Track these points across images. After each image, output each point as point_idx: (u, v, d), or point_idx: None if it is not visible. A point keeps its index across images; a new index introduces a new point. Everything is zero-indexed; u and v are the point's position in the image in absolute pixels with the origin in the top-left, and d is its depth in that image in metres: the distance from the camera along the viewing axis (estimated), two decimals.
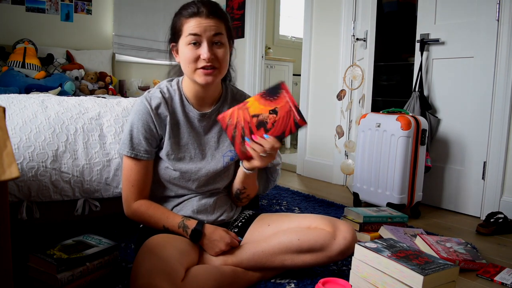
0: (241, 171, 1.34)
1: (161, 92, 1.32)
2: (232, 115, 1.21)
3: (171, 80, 1.38)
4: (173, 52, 1.32)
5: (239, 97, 1.43)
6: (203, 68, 1.23)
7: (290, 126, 1.20)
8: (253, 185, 1.39)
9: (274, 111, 1.19)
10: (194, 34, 1.21)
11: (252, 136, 1.20)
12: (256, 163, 1.23)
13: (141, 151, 1.28)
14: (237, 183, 1.39)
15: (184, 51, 1.24)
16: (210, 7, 1.24)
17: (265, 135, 1.19)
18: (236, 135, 1.21)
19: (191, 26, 1.22)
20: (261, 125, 1.20)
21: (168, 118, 1.30)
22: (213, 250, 1.26)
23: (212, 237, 1.26)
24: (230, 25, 1.31)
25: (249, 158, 1.24)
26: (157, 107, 1.29)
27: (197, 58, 1.23)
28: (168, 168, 1.32)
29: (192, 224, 1.27)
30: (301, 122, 1.19)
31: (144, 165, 1.30)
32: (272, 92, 1.19)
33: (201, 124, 1.35)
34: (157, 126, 1.29)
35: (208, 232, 1.26)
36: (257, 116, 1.20)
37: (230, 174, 1.43)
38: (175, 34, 1.28)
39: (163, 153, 1.31)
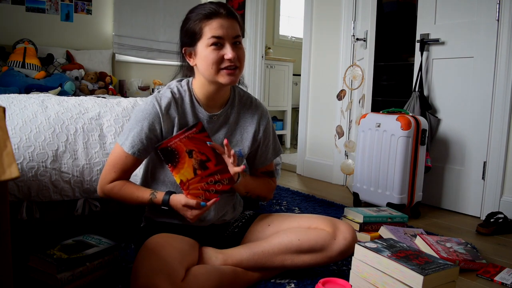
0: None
1: (171, 92, 1.31)
2: (200, 195, 1.20)
3: (181, 80, 1.37)
4: (186, 56, 1.30)
5: (245, 100, 1.42)
6: (226, 68, 1.23)
7: (201, 137, 1.20)
8: (256, 187, 1.40)
9: (190, 153, 1.19)
10: (218, 36, 1.21)
11: (215, 167, 1.20)
12: (236, 169, 1.23)
13: (140, 150, 1.27)
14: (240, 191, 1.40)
15: (206, 53, 1.22)
16: (226, 8, 1.24)
17: (208, 143, 1.20)
18: (220, 184, 1.21)
19: (213, 27, 1.21)
20: (203, 163, 1.20)
21: (176, 119, 1.29)
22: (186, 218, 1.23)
23: (178, 211, 1.23)
24: (242, 24, 1.31)
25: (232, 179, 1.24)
26: (167, 107, 1.28)
27: (221, 59, 1.22)
28: None
29: (159, 200, 1.25)
30: (197, 127, 1.20)
31: (135, 161, 1.29)
32: (171, 158, 1.18)
33: (209, 126, 1.34)
34: (163, 128, 1.27)
35: (173, 207, 1.24)
36: (196, 169, 1.19)
37: None
38: (192, 38, 1.25)
39: None
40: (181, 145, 1.18)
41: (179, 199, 1.21)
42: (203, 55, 1.23)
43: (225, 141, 1.22)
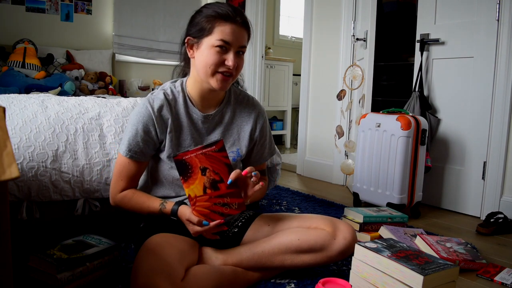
0: None
1: (164, 94, 1.31)
2: (206, 214, 1.17)
3: (175, 81, 1.38)
4: (187, 45, 1.29)
5: (242, 98, 1.43)
6: (223, 73, 1.23)
7: (219, 156, 1.16)
8: (258, 195, 1.39)
9: (203, 170, 1.15)
10: (226, 42, 1.21)
11: (227, 187, 1.16)
12: (256, 187, 1.19)
13: (137, 153, 1.28)
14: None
15: (209, 53, 1.22)
16: (243, 17, 1.25)
17: (228, 182, 1.15)
18: (229, 208, 1.17)
19: (225, 31, 1.20)
20: (215, 184, 1.16)
21: (170, 121, 1.29)
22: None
23: (182, 220, 1.22)
24: (250, 36, 1.31)
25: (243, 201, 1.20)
26: (160, 109, 1.29)
27: (221, 63, 1.22)
28: (172, 168, 1.32)
29: (168, 210, 1.24)
30: (217, 145, 1.15)
31: (137, 165, 1.30)
32: (184, 171, 1.15)
33: (204, 126, 1.35)
34: (158, 129, 1.28)
35: (180, 218, 1.23)
36: (206, 187, 1.16)
37: None
38: (200, 31, 1.24)
39: (164, 155, 1.31)
40: (196, 161, 1.15)
41: (184, 212, 1.20)
42: (206, 52, 1.23)
43: (243, 173, 1.17)
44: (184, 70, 1.41)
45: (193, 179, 1.15)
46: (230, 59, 1.22)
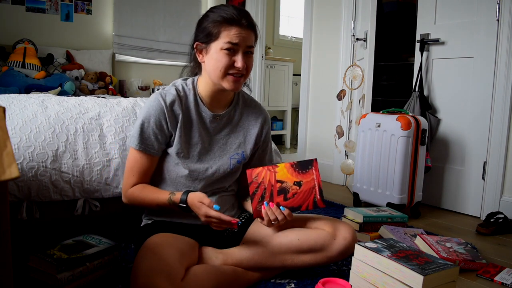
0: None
1: (176, 89, 1.33)
2: (260, 173, 1.23)
3: (186, 79, 1.39)
4: (197, 52, 1.32)
5: (250, 102, 1.45)
6: (233, 75, 1.25)
7: (309, 202, 1.23)
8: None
9: (298, 184, 1.23)
10: (234, 44, 1.23)
11: (270, 203, 1.22)
12: (264, 223, 1.24)
13: (149, 146, 1.29)
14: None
15: (218, 56, 1.24)
16: (249, 19, 1.26)
17: (281, 207, 1.22)
18: (256, 193, 1.23)
19: (231, 34, 1.22)
20: (282, 192, 1.23)
21: (180, 116, 1.31)
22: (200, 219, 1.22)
23: (193, 209, 1.23)
24: (257, 35, 1.32)
25: (260, 217, 1.24)
26: (172, 103, 1.30)
27: (231, 65, 1.25)
28: (178, 165, 1.33)
29: (177, 198, 1.25)
30: (320, 203, 1.23)
31: (149, 159, 1.31)
32: (303, 165, 1.24)
33: (212, 125, 1.37)
34: (169, 123, 1.30)
35: (190, 204, 1.23)
36: (282, 182, 1.23)
37: (237, 175, 1.45)
38: (208, 36, 1.26)
39: (172, 151, 1.32)
40: (309, 179, 1.23)
41: (196, 195, 1.22)
42: (215, 56, 1.25)
43: (271, 204, 1.23)
44: (194, 70, 1.42)
45: (292, 174, 1.23)
46: (239, 61, 1.24)
